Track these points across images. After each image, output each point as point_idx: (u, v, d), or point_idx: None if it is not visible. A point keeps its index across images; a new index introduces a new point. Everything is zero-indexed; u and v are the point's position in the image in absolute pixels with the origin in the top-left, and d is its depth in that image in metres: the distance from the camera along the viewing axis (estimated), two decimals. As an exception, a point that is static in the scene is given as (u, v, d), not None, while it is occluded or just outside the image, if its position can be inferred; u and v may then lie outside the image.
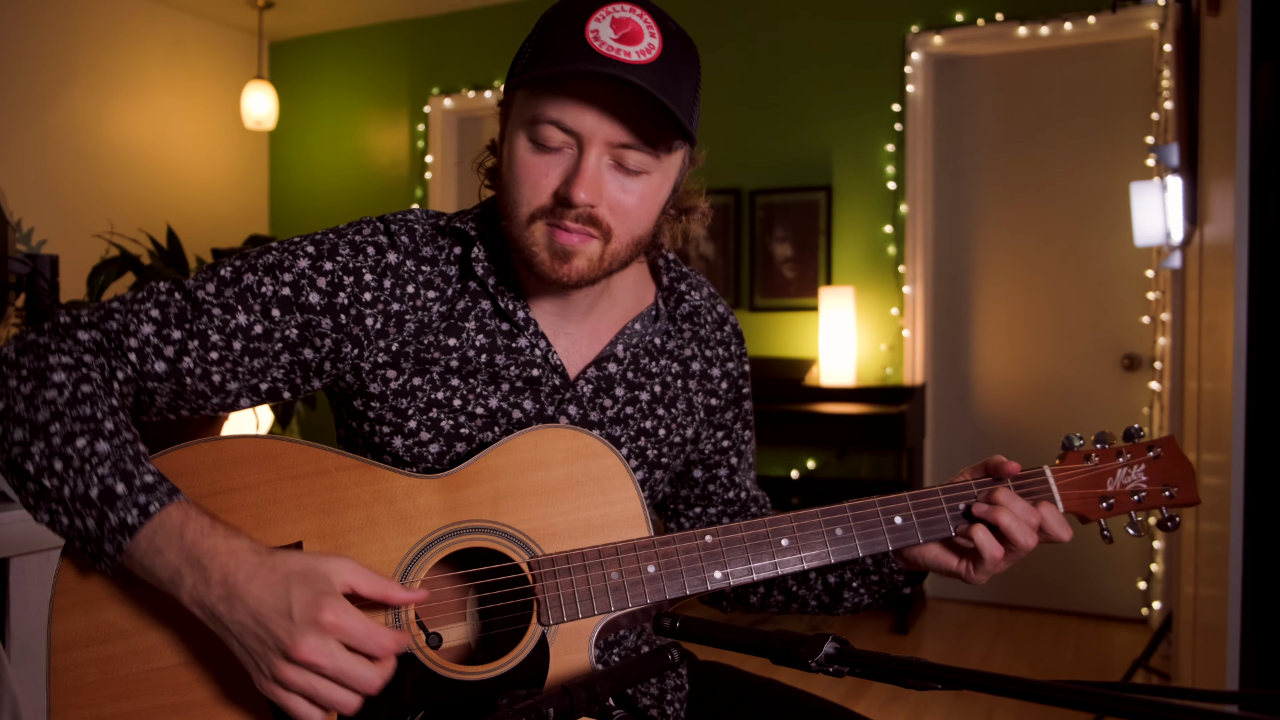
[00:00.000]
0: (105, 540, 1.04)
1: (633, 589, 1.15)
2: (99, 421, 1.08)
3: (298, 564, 1.03)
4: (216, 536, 1.04)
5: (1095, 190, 4.70)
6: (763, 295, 5.22)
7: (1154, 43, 4.53)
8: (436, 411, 1.23)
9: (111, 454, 1.06)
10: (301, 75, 6.55)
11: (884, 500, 1.21)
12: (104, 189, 5.64)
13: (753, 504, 1.49)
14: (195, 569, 1.02)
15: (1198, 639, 2.70)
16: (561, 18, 1.12)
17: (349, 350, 1.21)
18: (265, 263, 1.19)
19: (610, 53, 1.08)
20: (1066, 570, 4.75)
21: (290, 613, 0.99)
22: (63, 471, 1.05)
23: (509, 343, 1.25)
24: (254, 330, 1.18)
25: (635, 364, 1.33)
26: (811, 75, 5.12)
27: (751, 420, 1.50)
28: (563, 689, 0.89)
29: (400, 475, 1.17)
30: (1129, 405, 4.67)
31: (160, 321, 1.16)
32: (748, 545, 1.18)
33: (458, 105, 6.05)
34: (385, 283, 1.21)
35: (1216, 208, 2.44)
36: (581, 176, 1.11)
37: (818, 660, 0.88)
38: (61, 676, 1.10)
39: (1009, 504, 1.19)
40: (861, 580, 1.36)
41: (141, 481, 1.05)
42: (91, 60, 5.59)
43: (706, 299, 1.42)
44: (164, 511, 1.04)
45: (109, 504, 1.03)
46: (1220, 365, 2.23)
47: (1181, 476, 1.27)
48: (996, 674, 0.77)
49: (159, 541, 1.03)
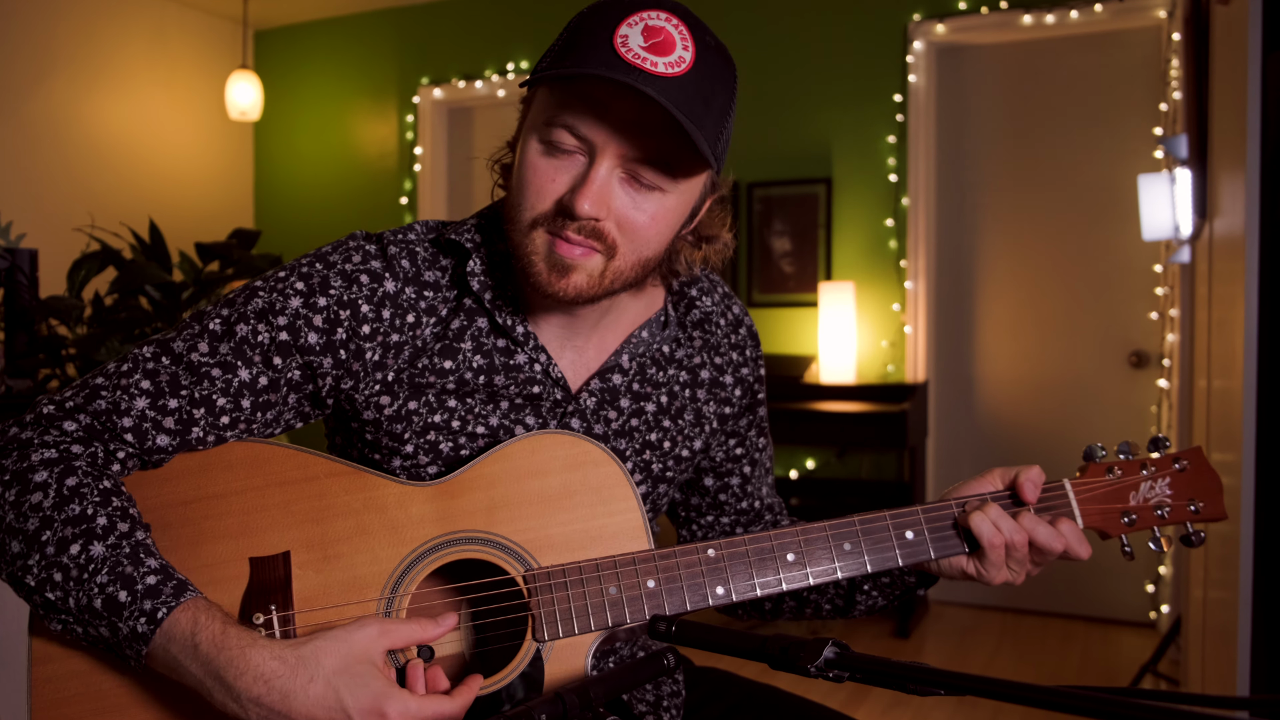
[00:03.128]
0: (124, 647, 1.02)
1: (631, 604, 1.13)
2: (90, 519, 1.04)
3: (331, 662, 1.01)
4: (231, 648, 1.01)
5: (1102, 183, 4.71)
6: (761, 291, 5.22)
7: (1162, 31, 4.53)
8: (434, 435, 1.22)
9: (108, 557, 1.03)
10: (287, 65, 6.53)
11: (894, 514, 1.19)
12: (85, 181, 5.62)
13: (768, 512, 1.47)
14: (220, 685, 1.00)
15: (1207, 643, 2.70)
16: (594, 20, 1.08)
17: (347, 384, 1.19)
18: (255, 308, 1.15)
19: (636, 61, 1.03)
20: (1072, 573, 4.75)
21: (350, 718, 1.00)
22: (63, 583, 1.02)
23: (507, 360, 1.22)
24: (259, 383, 1.15)
25: (641, 374, 1.30)
26: (811, 65, 5.12)
27: (767, 426, 1.47)
28: (556, 694, 0.89)
29: (392, 482, 1.16)
30: (1137, 403, 4.67)
31: (153, 393, 1.12)
32: (751, 560, 1.16)
33: (448, 96, 6.04)
34: (384, 313, 1.18)
35: (1226, 201, 2.44)
36: (588, 187, 1.07)
37: (817, 665, 0.88)
38: (43, 688, 1.09)
39: (980, 508, 1.18)
40: (873, 582, 1.35)
41: (144, 585, 1.02)
42: (71, 49, 5.57)
43: (719, 302, 1.38)
44: (171, 618, 1.01)
45: (115, 614, 1.01)
46: (1230, 362, 2.23)
47: (1208, 490, 1.24)
48: (1001, 679, 0.77)
49: (174, 651, 1.01)
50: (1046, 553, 1.19)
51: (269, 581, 1.12)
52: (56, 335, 3.60)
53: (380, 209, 6.16)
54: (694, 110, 1.05)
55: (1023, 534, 1.17)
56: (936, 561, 1.23)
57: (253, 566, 1.12)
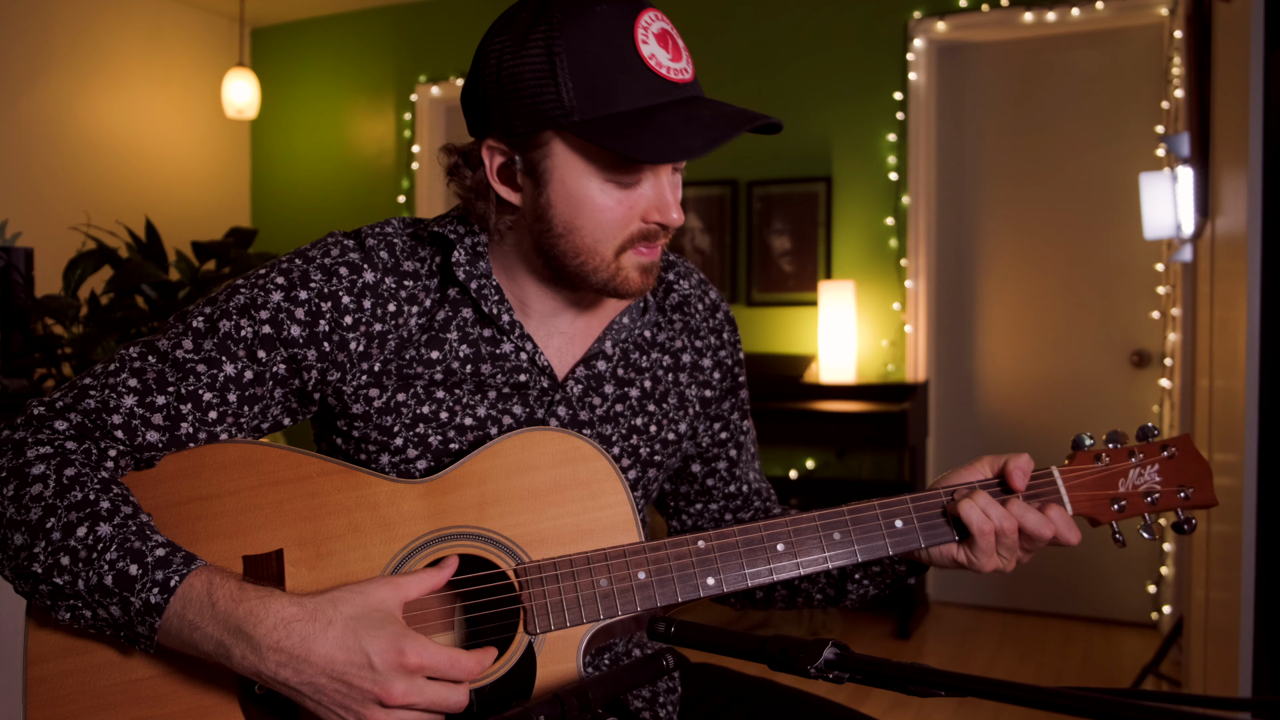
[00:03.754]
0: (136, 624, 1.03)
1: (622, 596, 1.15)
2: (93, 504, 1.06)
3: (350, 608, 1.04)
4: (249, 600, 1.03)
5: (1103, 181, 4.71)
6: (760, 290, 5.22)
7: (1164, 29, 4.53)
8: (423, 427, 1.23)
9: (115, 535, 1.04)
10: (284, 62, 6.53)
11: (883, 503, 1.21)
12: (80, 180, 5.62)
13: (756, 497, 1.49)
14: (240, 638, 1.01)
15: (1209, 644, 2.70)
16: (598, 41, 1.09)
17: (333, 376, 1.21)
18: (237, 304, 1.18)
19: (680, 78, 1.12)
20: (1074, 573, 4.76)
21: (371, 663, 1.01)
22: (71, 566, 1.03)
23: (493, 349, 1.24)
24: (245, 377, 1.17)
25: (625, 359, 1.32)
26: (811, 62, 5.12)
27: (748, 409, 1.49)
28: (554, 696, 0.89)
29: (384, 480, 1.17)
30: (1138, 403, 4.67)
31: (140, 391, 1.14)
32: (742, 551, 1.18)
33: (446, 94, 6.04)
34: (365, 303, 1.20)
35: (1229, 199, 2.44)
36: (673, 201, 1.17)
37: (817, 666, 0.88)
38: (38, 688, 1.09)
39: (968, 495, 1.19)
40: (863, 571, 1.36)
41: (154, 557, 1.04)
42: (67, 46, 5.57)
43: (696, 286, 1.41)
44: (186, 583, 1.03)
45: (127, 588, 1.02)
46: (1232, 362, 2.23)
47: (1197, 477, 1.25)
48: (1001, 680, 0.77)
49: (190, 616, 1.02)
50: (1036, 539, 1.20)
51: (262, 579, 1.12)
52: (52, 335, 3.60)
53: (377, 207, 6.15)
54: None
55: (1012, 520, 1.19)
56: (927, 550, 1.24)
57: (246, 565, 1.13)
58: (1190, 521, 1.25)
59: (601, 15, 1.10)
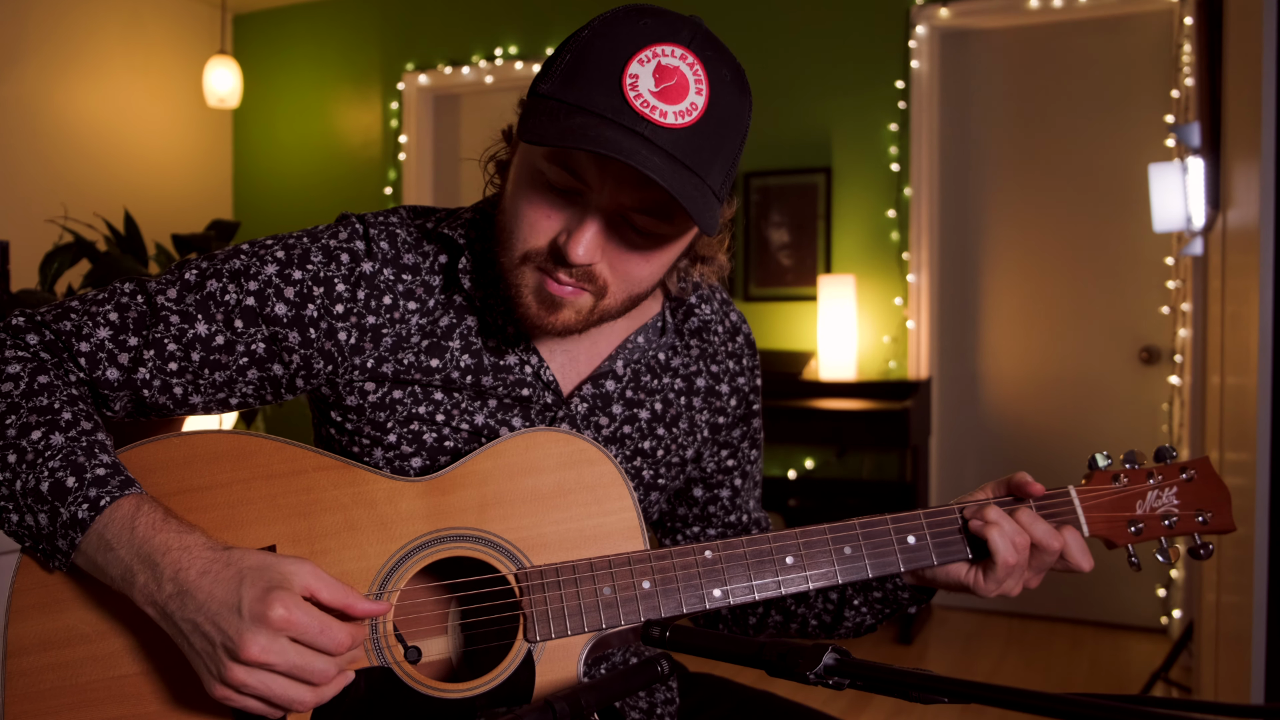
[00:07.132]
0: (58, 536, 1.04)
1: (625, 606, 1.14)
2: (55, 412, 1.08)
3: (254, 560, 1.02)
4: (169, 531, 1.03)
5: (1112, 172, 4.71)
6: (758, 284, 5.22)
7: (1174, 15, 4.53)
8: (418, 425, 1.23)
9: (65, 446, 1.06)
10: (267, 50, 6.51)
11: (896, 518, 1.20)
12: (58, 171, 5.60)
13: (754, 528, 1.48)
14: (147, 565, 1.02)
15: (1220, 649, 2.71)
16: (605, 46, 1.05)
17: (321, 366, 1.20)
18: (232, 268, 1.18)
19: (644, 109, 1.01)
20: (1081, 577, 4.74)
21: (240, 608, 0.98)
22: (15, 464, 1.05)
23: (497, 360, 1.24)
24: (214, 341, 1.17)
25: (636, 381, 1.31)
26: (810, 50, 5.12)
27: (760, 439, 1.48)
28: (545, 702, 0.89)
29: (382, 477, 1.16)
30: (1147, 401, 4.68)
31: (118, 326, 1.15)
32: (750, 562, 1.17)
33: (434, 82, 6.02)
34: (359, 294, 1.19)
35: (1240, 191, 2.44)
36: (582, 234, 1.07)
37: (816, 672, 0.87)
38: (16, 682, 1.09)
39: (999, 521, 1.18)
40: (863, 597, 1.35)
41: (93, 474, 1.05)
42: (44, 33, 5.55)
43: (718, 310, 1.39)
44: (115, 505, 1.04)
45: (59, 498, 1.03)
46: (1244, 358, 2.23)
47: (1216, 501, 1.25)
48: (1007, 687, 0.77)
49: (109, 537, 1.03)
50: (1045, 551, 1.19)
51: None
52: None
53: (363, 199, 6.14)
54: (701, 160, 1.04)
55: (1024, 536, 1.18)
56: (934, 569, 1.24)
57: None
58: (1207, 546, 1.24)
59: (635, 27, 1.05)
